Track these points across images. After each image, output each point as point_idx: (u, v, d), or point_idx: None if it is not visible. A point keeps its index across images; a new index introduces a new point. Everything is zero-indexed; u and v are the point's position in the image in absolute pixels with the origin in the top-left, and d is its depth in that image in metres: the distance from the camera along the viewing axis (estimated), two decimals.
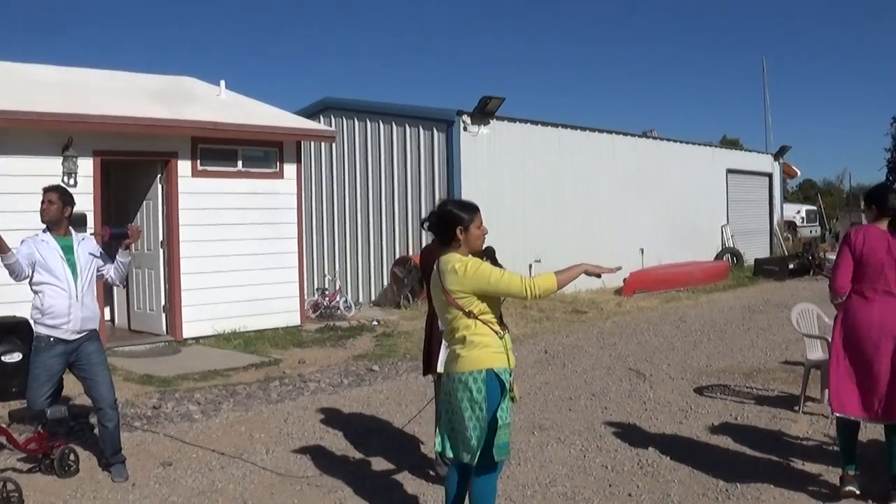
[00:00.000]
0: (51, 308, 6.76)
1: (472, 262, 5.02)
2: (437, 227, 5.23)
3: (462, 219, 5.12)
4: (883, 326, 6.00)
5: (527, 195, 20.07)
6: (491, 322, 5.09)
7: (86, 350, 6.93)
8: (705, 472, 6.92)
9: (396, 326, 15.70)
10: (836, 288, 6.26)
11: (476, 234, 5.16)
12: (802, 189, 62.17)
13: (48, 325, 6.79)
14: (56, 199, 6.93)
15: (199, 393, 10.14)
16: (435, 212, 5.29)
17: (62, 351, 6.83)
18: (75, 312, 6.80)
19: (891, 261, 6.05)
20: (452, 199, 5.41)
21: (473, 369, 5.01)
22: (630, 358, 12.24)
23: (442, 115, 19.18)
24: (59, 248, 6.86)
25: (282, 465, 7.41)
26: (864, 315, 6.09)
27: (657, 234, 24.09)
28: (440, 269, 5.12)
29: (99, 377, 6.97)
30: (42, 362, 6.83)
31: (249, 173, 14.63)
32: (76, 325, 6.83)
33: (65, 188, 7.18)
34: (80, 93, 13.67)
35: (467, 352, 5.04)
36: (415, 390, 10.30)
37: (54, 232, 6.93)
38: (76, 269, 6.87)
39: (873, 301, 6.07)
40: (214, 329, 13.99)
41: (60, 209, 6.93)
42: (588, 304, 18.52)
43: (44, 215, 6.94)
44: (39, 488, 6.69)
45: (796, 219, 37.35)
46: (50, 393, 6.92)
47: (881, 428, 7.83)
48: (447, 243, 5.17)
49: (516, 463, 7.23)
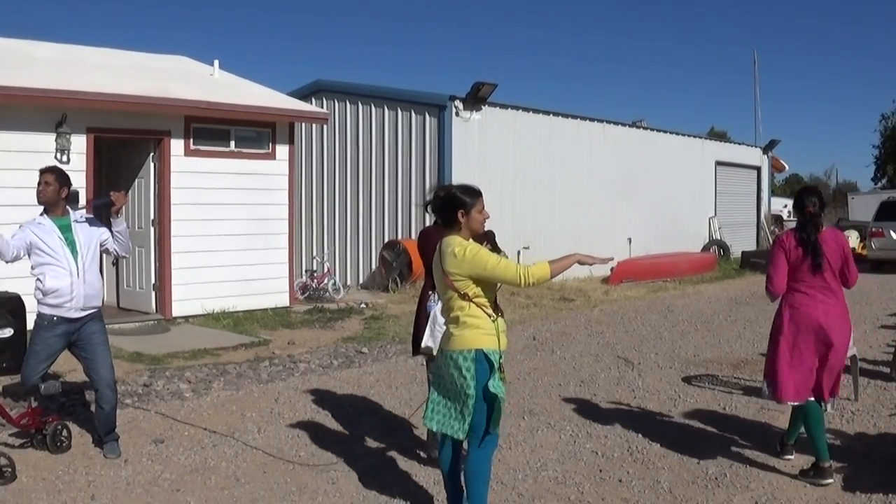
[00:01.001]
0: (53, 288, 6.73)
1: (471, 247, 5.13)
2: (441, 209, 5.35)
3: (465, 202, 5.25)
4: (828, 318, 6.38)
5: (517, 181, 20.12)
6: (484, 305, 5.23)
7: (88, 330, 6.94)
8: (694, 459, 6.98)
9: (385, 309, 15.74)
10: (772, 289, 6.67)
11: (477, 219, 5.29)
12: (789, 183, 62.30)
13: (51, 305, 6.78)
14: (53, 181, 6.89)
15: (190, 371, 10.15)
16: (439, 194, 5.35)
17: (65, 330, 6.83)
18: (78, 290, 6.79)
19: (829, 260, 6.46)
20: (457, 184, 5.46)
21: (464, 348, 5.17)
22: (618, 346, 12.31)
23: (434, 99, 19.20)
24: (57, 229, 6.83)
25: (273, 444, 7.44)
26: (808, 311, 6.43)
27: (645, 224, 24.20)
28: (441, 250, 5.26)
29: (100, 357, 6.98)
30: (43, 340, 6.82)
31: (242, 153, 14.61)
32: (79, 303, 6.82)
33: (61, 169, 7.14)
34: (74, 69, 13.64)
35: (460, 331, 5.21)
36: (404, 372, 10.34)
37: (51, 213, 6.90)
38: (76, 247, 6.85)
39: (815, 298, 6.44)
40: (204, 308, 13.99)
41: (57, 190, 6.89)
42: (576, 291, 18.59)
43: (40, 196, 6.90)
44: (32, 463, 6.70)
45: (783, 213, 37.43)
46: (45, 369, 6.93)
47: (867, 420, 7.95)
48: (449, 226, 5.30)
49: (507, 447, 7.28)
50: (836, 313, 6.45)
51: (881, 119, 54.40)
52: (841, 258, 6.54)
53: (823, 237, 6.51)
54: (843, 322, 6.48)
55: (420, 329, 6.70)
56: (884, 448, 7.12)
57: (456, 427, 5.20)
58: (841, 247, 6.58)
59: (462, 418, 5.17)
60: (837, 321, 6.43)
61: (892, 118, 53.50)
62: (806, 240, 6.45)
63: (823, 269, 6.42)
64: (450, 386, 5.23)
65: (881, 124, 54.41)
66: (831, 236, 6.61)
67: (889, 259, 24.01)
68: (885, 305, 16.54)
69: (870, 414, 8.30)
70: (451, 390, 5.22)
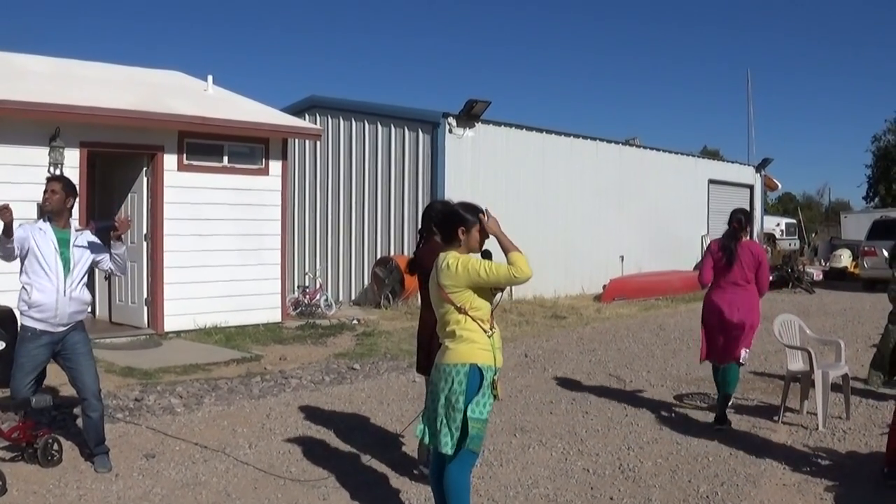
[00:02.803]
0: (38, 303, 6.73)
1: (463, 258, 5.20)
2: (442, 224, 5.43)
3: (466, 220, 5.29)
4: (731, 306, 8.45)
5: (509, 198, 20.08)
6: (481, 320, 5.24)
7: (71, 340, 6.92)
8: (686, 478, 6.99)
9: (377, 326, 15.73)
10: (701, 281, 8.82)
11: (476, 237, 5.31)
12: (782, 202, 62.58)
13: (34, 318, 6.77)
14: (59, 189, 6.91)
15: (181, 386, 10.13)
16: (441, 209, 5.40)
17: (48, 341, 6.82)
18: (62, 308, 6.78)
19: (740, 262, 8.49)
20: (460, 201, 5.50)
21: (458, 362, 5.18)
22: (610, 364, 12.31)
23: (427, 116, 19.24)
24: (55, 240, 6.83)
25: (265, 459, 7.42)
26: (715, 299, 8.63)
27: (637, 241, 24.25)
28: (437, 264, 5.30)
29: (83, 367, 6.96)
30: (28, 352, 6.81)
31: (235, 169, 14.62)
32: (63, 319, 6.82)
33: (69, 179, 7.16)
34: (68, 83, 13.65)
35: (455, 345, 5.22)
36: (396, 389, 10.34)
37: (54, 223, 6.91)
38: (69, 264, 6.84)
39: (725, 290, 8.56)
40: (196, 323, 13.97)
41: (63, 199, 6.90)
42: (568, 309, 18.60)
43: (45, 205, 6.92)
44: (22, 477, 6.68)
45: (776, 231, 37.56)
46: (33, 381, 6.91)
47: (858, 439, 7.98)
48: (449, 241, 5.34)
49: (498, 464, 7.28)
50: (739, 301, 8.46)
51: (873, 139, 54.82)
52: (755, 265, 8.52)
53: (741, 246, 8.54)
54: (744, 307, 8.44)
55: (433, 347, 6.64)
56: (874, 466, 7.11)
57: (443, 441, 5.19)
58: (756, 255, 8.57)
59: (450, 433, 5.16)
60: (738, 307, 8.43)
61: (885, 138, 53.86)
62: (726, 246, 8.56)
63: (734, 268, 8.47)
64: (442, 399, 5.22)
65: (873, 144, 54.78)
66: (748, 246, 8.64)
67: (881, 278, 23.97)
68: (878, 325, 16.45)
69: (861, 432, 8.32)
70: (443, 404, 5.21)
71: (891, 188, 52.25)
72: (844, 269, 28.91)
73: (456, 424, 5.15)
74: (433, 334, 6.18)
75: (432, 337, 6.46)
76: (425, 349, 6.70)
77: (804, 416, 8.95)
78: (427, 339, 6.66)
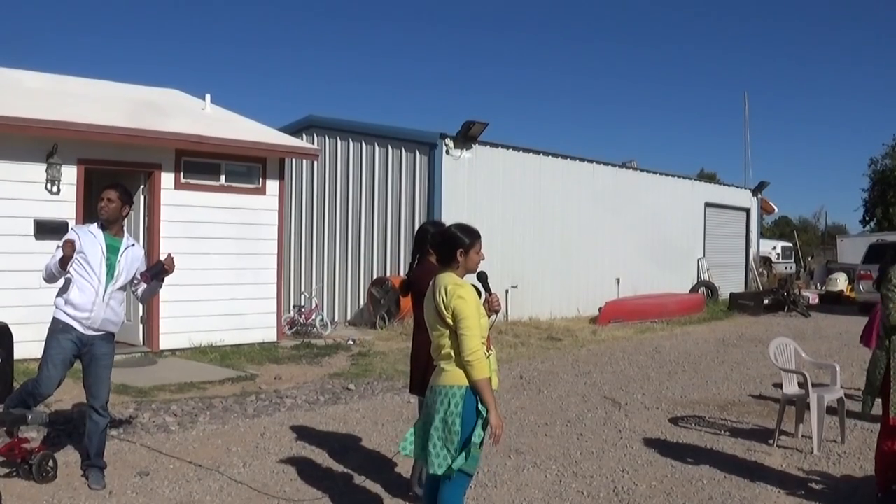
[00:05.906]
0: (75, 300, 6.78)
1: (459, 291, 5.12)
2: (440, 246, 5.42)
3: (464, 242, 5.29)
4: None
5: (506, 220, 20.15)
6: None
7: (99, 350, 6.95)
8: (680, 500, 6.98)
9: (372, 346, 15.72)
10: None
11: (474, 259, 5.34)
12: (778, 225, 62.71)
13: (67, 314, 6.81)
14: (115, 198, 6.95)
15: (176, 405, 10.11)
16: (439, 231, 5.41)
17: (77, 337, 6.84)
18: (98, 311, 6.82)
19: None
20: (457, 223, 5.50)
21: (454, 384, 5.15)
22: (605, 386, 12.31)
23: (425, 137, 19.26)
24: (104, 245, 6.87)
25: (259, 479, 7.40)
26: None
27: (634, 264, 24.27)
28: (435, 285, 5.28)
29: (102, 378, 7.00)
30: (57, 343, 6.83)
31: (232, 188, 14.63)
32: (95, 324, 6.85)
33: (125, 187, 7.18)
34: (66, 100, 13.68)
35: (451, 367, 5.18)
36: (391, 410, 10.32)
37: (108, 230, 6.95)
38: (113, 270, 6.89)
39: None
40: (191, 342, 13.95)
41: (119, 208, 6.95)
42: (563, 331, 18.59)
43: (101, 213, 6.95)
44: (17, 493, 6.66)
45: (772, 255, 37.62)
46: (61, 379, 6.93)
47: (853, 463, 7.99)
48: (447, 263, 5.32)
49: (492, 486, 7.27)
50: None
51: (870, 163, 54.90)
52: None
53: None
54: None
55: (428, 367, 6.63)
56: (869, 490, 7.11)
57: (434, 462, 5.15)
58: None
59: (449, 454, 5.12)
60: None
61: (882, 162, 53.96)
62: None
63: None
64: (437, 422, 5.18)
65: (870, 168, 54.88)
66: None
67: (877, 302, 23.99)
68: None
69: (856, 456, 8.32)
70: (436, 425, 5.18)
71: (888, 212, 52.32)
72: (840, 293, 28.99)
73: (454, 447, 5.11)
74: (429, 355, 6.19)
75: (430, 357, 6.46)
76: (422, 369, 6.68)
77: (799, 439, 8.95)
78: (425, 360, 6.65)
